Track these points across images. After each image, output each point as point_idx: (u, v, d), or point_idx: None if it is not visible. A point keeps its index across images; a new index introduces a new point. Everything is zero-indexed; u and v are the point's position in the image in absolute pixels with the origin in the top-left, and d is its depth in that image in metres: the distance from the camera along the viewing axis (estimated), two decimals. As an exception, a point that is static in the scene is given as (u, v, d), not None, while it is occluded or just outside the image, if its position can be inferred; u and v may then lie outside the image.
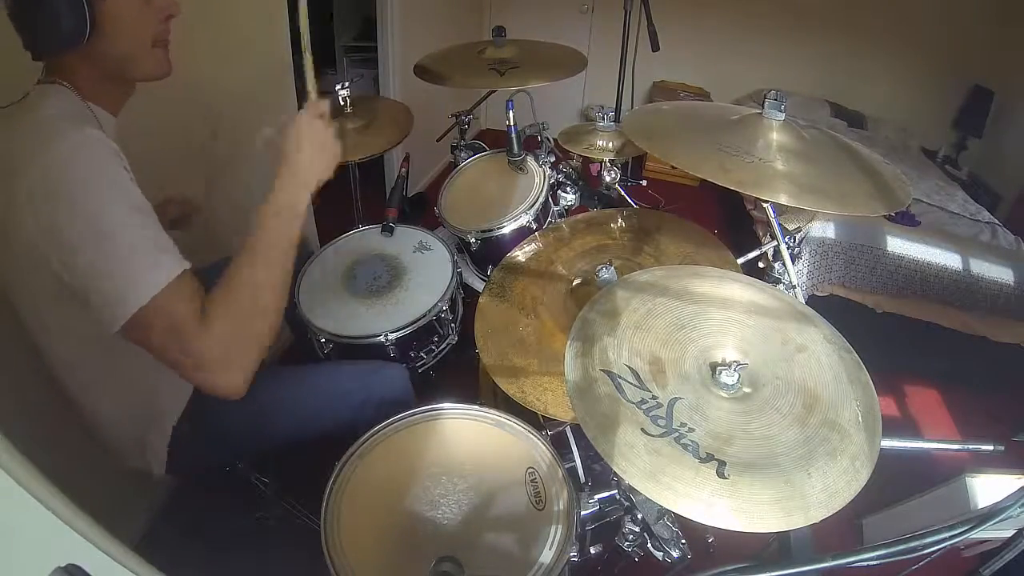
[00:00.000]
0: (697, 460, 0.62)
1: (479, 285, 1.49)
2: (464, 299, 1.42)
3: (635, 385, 0.70)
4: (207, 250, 1.45)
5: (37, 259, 0.73)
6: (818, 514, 0.58)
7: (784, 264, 1.12)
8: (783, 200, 0.87)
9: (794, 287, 1.12)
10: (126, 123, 0.91)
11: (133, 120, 0.92)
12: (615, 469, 0.62)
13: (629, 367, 0.72)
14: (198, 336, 0.73)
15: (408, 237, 1.43)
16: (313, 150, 0.83)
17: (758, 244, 1.24)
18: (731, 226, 2.97)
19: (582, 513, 0.87)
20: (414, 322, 1.21)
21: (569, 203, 1.54)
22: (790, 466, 0.62)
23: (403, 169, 1.55)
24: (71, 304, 0.76)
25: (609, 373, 0.71)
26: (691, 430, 0.65)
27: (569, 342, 0.76)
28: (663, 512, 0.87)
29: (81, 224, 0.71)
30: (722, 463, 0.61)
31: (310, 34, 0.85)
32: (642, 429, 0.65)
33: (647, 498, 0.62)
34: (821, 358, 0.74)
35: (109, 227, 0.71)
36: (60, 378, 0.92)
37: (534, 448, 0.95)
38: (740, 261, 1.20)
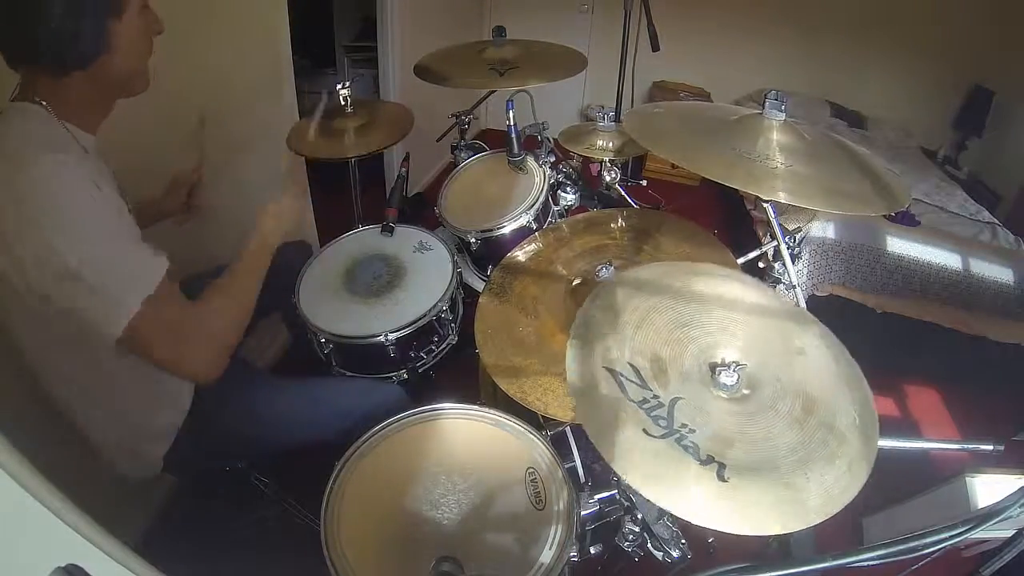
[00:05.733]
0: (698, 462, 0.61)
1: (479, 285, 1.48)
2: (464, 299, 1.41)
3: (637, 384, 0.69)
4: (203, 248, 1.45)
5: (17, 284, 0.74)
6: (815, 517, 0.58)
7: (784, 264, 1.12)
8: (783, 199, 0.87)
9: (794, 287, 1.12)
10: (126, 125, 0.90)
11: (133, 121, 0.92)
12: (617, 471, 0.62)
13: (631, 365, 0.71)
14: (188, 322, 0.84)
15: (408, 237, 1.43)
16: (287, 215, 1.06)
17: (758, 244, 1.23)
18: (731, 226, 2.97)
19: (582, 513, 0.87)
20: (414, 322, 1.21)
21: (569, 203, 1.53)
22: (789, 469, 0.61)
23: (403, 169, 1.54)
24: (59, 323, 0.78)
25: (612, 371, 0.70)
26: (692, 431, 0.64)
27: (571, 339, 0.75)
28: (663, 512, 0.87)
29: (65, 249, 0.72)
30: (722, 465, 0.61)
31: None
32: (643, 430, 0.64)
33: (647, 498, 0.62)
34: (820, 362, 0.73)
35: (92, 250, 0.74)
36: (52, 390, 0.92)
37: (534, 448, 0.94)
38: (740, 261, 1.20)
